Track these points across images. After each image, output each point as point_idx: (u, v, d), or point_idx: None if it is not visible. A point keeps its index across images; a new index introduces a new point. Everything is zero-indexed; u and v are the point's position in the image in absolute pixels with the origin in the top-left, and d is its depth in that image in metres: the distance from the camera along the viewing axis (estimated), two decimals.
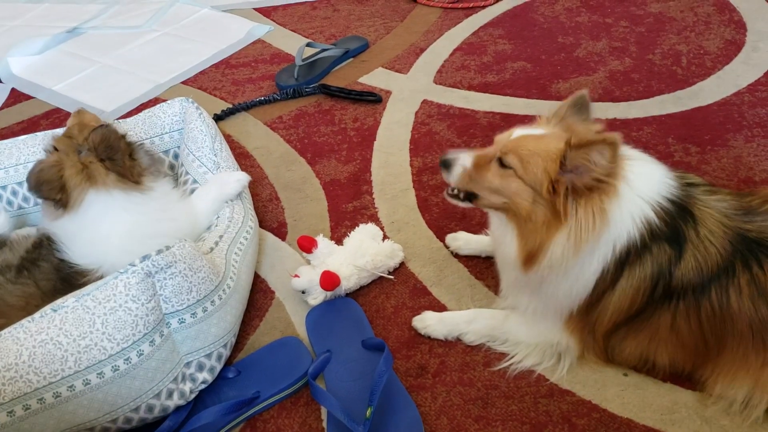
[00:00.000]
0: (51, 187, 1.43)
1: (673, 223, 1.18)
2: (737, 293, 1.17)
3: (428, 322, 1.47)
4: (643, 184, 1.19)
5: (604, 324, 1.28)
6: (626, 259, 1.20)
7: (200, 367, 1.34)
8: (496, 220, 1.34)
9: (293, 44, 2.70)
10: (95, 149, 1.46)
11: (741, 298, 1.17)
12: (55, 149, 1.49)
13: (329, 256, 1.59)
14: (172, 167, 1.88)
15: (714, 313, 1.19)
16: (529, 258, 1.23)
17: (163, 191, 1.55)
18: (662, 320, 1.23)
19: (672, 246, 1.19)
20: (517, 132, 1.26)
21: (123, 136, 1.52)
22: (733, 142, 1.89)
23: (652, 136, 1.95)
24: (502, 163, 1.23)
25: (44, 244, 1.45)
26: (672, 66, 2.27)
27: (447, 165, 1.31)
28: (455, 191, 1.36)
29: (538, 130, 1.26)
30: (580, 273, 1.23)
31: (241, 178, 1.69)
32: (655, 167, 1.24)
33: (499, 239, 1.33)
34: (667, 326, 1.24)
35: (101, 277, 1.40)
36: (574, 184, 1.15)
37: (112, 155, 1.46)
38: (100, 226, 1.45)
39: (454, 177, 1.30)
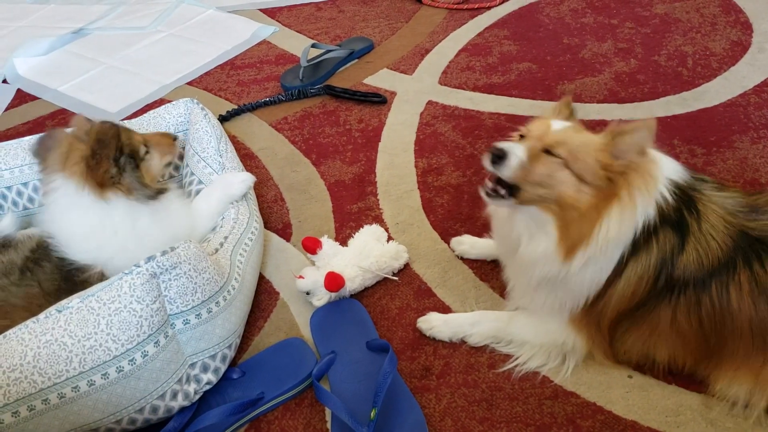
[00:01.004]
0: (39, 148, 1.50)
1: (680, 210, 1.20)
2: (737, 290, 1.17)
3: (433, 324, 1.46)
4: (664, 164, 1.23)
5: (608, 315, 1.29)
6: (637, 242, 1.21)
7: (205, 368, 1.34)
8: (522, 218, 1.29)
9: (298, 45, 2.70)
10: (89, 137, 1.44)
11: (741, 295, 1.17)
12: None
13: (334, 257, 1.59)
14: (177, 168, 1.88)
15: (714, 310, 1.19)
16: (573, 247, 1.23)
17: (128, 208, 1.47)
18: (663, 314, 1.24)
19: (676, 233, 1.20)
20: (556, 124, 1.27)
21: (128, 151, 1.48)
22: (738, 144, 1.88)
23: (658, 138, 1.90)
24: (551, 155, 1.22)
25: (47, 245, 1.44)
26: (677, 67, 2.26)
27: (501, 156, 1.20)
28: (494, 189, 1.26)
29: (566, 123, 1.28)
30: (612, 255, 1.24)
31: (246, 179, 1.69)
32: (667, 157, 1.27)
33: (523, 237, 1.29)
34: (667, 321, 1.24)
35: (101, 273, 1.41)
36: (624, 165, 1.19)
37: (95, 148, 1.42)
38: (59, 212, 1.44)
39: (510, 169, 1.21)
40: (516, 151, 1.21)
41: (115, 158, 1.45)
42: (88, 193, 1.43)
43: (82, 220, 1.44)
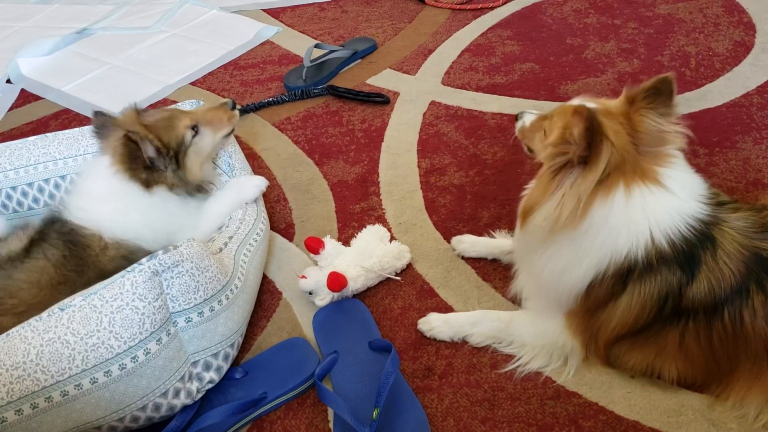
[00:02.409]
0: (100, 122, 1.55)
1: (690, 251, 1.16)
2: (751, 315, 1.14)
3: (433, 324, 1.46)
4: (663, 215, 1.17)
5: (606, 334, 1.28)
6: (628, 275, 1.19)
7: (207, 367, 1.34)
8: None
9: (302, 45, 2.70)
10: (123, 144, 1.48)
11: (755, 319, 1.14)
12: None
13: (336, 257, 1.59)
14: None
15: (726, 334, 1.17)
16: (524, 213, 1.26)
17: (164, 195, 1.54)
18: (670, 338, 1.22)
19: (684, 270, 1.17)
20: (573, 101, 1.28)
21: (166, 148, 1.52)
22: (741, 144, 1.88)
23: None
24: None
25: (55, 218, 1.49)
26: (680, 67, 2.26)
27: (518, 118, 1.45)
28: None
29: (592, 103, 1.25)
30: (568, 264, 1.23)
31: (260, 184, 1.69)
32: (683, 202, 1.19)
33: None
34: (675, 344, 1.22)
35: (100, 236, 1.45)
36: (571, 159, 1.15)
37: (130, 160, 1.48)
38: (93, 189, 1.52)
39: (516, 128, 1.45)
40: (525, 116, 1.43)
41: (148, 166, 1.50)
42: (135, 185, 1.50)
43: (122, 202, 1.50)
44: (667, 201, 1.17)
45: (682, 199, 1.18)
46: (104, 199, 1.50)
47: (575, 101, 1.28)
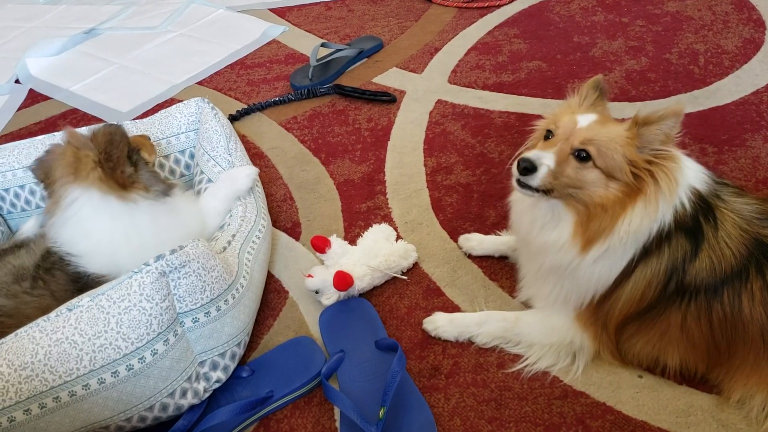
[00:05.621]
0: (38, 167, 1.46)
1: (697, 218, 1.20)
2: (750, 299, 1.17)
3: (438, 324, 1.46)
4: (687, 170, 1.21)
5: (615, 316, 1.28)
6: (649, 246, 1.21)
7: (214, 366, 1.35)
8: (543, 206, 1.29)
9: (308, 44, 2.71)
10: (97, 142, 1.41)
11: (753, 304, 1.16)
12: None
13: (343, 256, 1.59)
14: (187, 167, 1.89)
15: (725, 317, 1.19)
16: (591, 240, 1.23)
17: (151, 208, 1.45)
18: (672, 319, 1.24)
19: (690, 241, 1.19)
20: (582, 120, 1.25)
21: (134, 148, 1.48)
22: (751, 142, 1.87)
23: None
24: (579, 156, 1.21)
25: (59, 254, 1.41)
26: (689, 65, 2.25)
27: (531, 169, 1.22)
28: (525, 185, 1.25)
29: (592, 115, 1.27)
30: (614, 264, 1.25)
31: (251, 173, 1.69)
32: (692, 161, 1.25)
33: (541, 226, 1.30)
34: (677, 326, 1.24)
35: None
36: (647, 158, 1.18)
37: (110, 150, 1.39)
38: (83, 226, 1.39)
39: (539, 179, 1.22)
40: (545, 161, 1.22)
41: (128, 156, 1.43)
42: (114, 198, 1.40)
43: (112, 227, 1.40)
44: (688, 163, 1.23)
45: (692, 167, 1.24)
46: (106, 236, 1.40)
47: (581, 120, 1.26)
